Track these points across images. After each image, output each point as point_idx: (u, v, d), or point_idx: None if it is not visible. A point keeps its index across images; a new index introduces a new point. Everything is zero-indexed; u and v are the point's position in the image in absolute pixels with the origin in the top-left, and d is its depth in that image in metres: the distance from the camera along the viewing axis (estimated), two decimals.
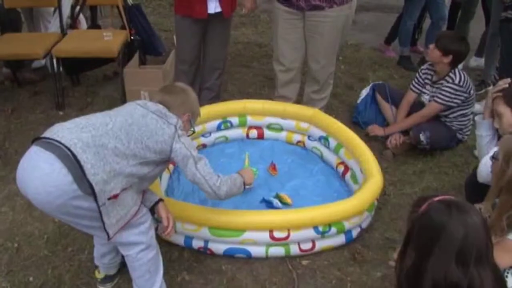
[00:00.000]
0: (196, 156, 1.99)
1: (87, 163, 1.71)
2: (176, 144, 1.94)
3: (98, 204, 1.75)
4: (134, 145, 1.84)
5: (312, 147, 3.23)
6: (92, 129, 1.79)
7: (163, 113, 1.96)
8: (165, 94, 2.09)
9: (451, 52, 3.17)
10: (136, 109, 1.95)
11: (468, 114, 3.31)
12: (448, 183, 3.04)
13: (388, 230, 2.64)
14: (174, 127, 1.94)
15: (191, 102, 2.14)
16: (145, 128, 1.89)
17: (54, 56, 3.56)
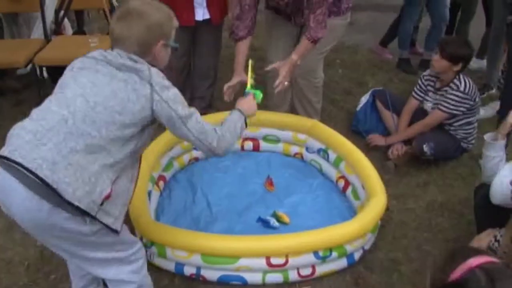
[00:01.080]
0: (184, 114, 1.69)
1: (61, 184, 1.49)
2: (157, 105, 1.64)
3: (92, 215, 1.55)
4: (106, 131, 1.58)
5: (311, 159, 3.07)
6: (52, 136, 1.53)
7: (129, 66, 1.62)
8: (122, 28, 1.67)
9: (460, 59, 3.02)
10: (97, 76, 1.62)
11: (473, 122, 3.16)
12: (453, 197, 2.89)
13: (392, 250, 2.49)
14: (149, 84, 1.62)
15: (158, 23, 1.71)
16: (114, 102, 1.59)
17: (37, 64, 3.37)
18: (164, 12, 1.76)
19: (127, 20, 1.68)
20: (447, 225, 2.67)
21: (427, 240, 2.56)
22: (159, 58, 1.76)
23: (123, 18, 1.69)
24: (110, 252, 1.75)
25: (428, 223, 2.68)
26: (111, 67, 1.64)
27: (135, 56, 1.67)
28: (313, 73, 3.09)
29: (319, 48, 2.96)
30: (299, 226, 2.57)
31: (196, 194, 2.81)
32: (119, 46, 1.69)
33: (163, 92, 1.65)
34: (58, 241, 1.67)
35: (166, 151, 2.84)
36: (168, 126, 1.73)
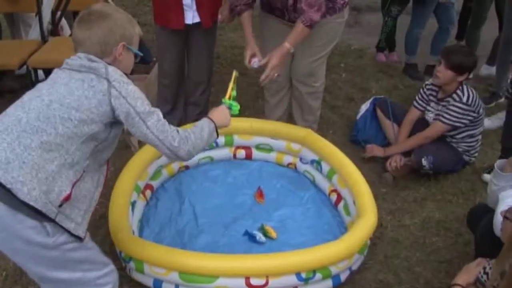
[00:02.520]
0: (143, 111, 1.63)
1: (15, 184, 1.45)
2: (115, 101, 1.59)
3: (50, 218, 1.51)
4: (63, 127, 1.54)
5: (304, 170, 2.97)
6: (6, 136, 1.50)
7: (86, 66, 1.61)
8: (82, 30, 1.66)
9: (466, 69, 2.89)
10: (57, 77, 1.64)
11: (476, 134, 3.02)
12: (451, 214, 2.76)
13: (382, 271, 2.38)
14: (105, 80, 1.58)
15: (118, 25, 1.68)
16: (70, 99, 1.56)
17: (30, 67, 3.33)
18: (125, 15, 1.74)
19: (88, 22, 1.66)
20: (441, 245, 2.54)
21: (419, 261, 2.44)
22: (121, 61, 1.72)
23: (84, 20, 1.68)
24: (76, 271, 1.67)
25: (422, 242, 2.56)
26: (69, 71, 1.64)
27: (94, 57, 1.65)
28: (312, 77, 2.97)
29: (316, 50, 2.86)
30: (286, 242, 2.48)
31: (183, 205, 2.73)
32: (81, 48, 1.68)
33: (121, 87, 1.61)
34: (23, 259, 1.61)
35: (154, 159, 2.77)
36: (127, 124, 1.67)
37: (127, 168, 2.59)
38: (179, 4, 2.81)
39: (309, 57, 2.88)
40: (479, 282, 1.75)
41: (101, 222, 2.58)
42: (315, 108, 3.14)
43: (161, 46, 3.07)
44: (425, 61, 4.47)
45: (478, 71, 4.35)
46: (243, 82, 4.14)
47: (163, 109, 3.19)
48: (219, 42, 4.36)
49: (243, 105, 3.78)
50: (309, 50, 2.86)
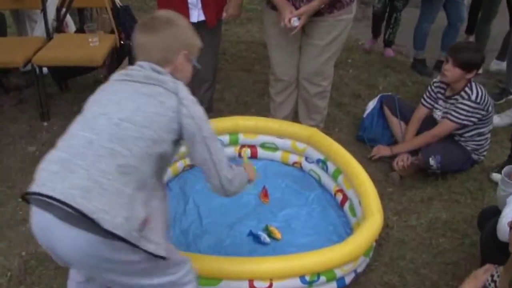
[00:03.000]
0: (208, 136, 1.57)
1: (98, 213, 1.37)
2: (184, 120, 1.53)
3: (134, 244, 1.43)
4: (136, 148, 1.46)
5: (310, 169, 2.94)
6: (80, 162, 1.42)
7: (154, 77, 1.53)
8: (146, 35, 1.59)
9: (474, 67, 2.83)
10: (118, 90, 1.54)
11: (485, 132, 2.97)
12: (459, 214, 2.72)
13: (387, 273, 2.35)
14: (174, 95, 1.52)
15: (183, 32, 1.64)
16: (140, 117, 1.47)
17: (35, 64, 3.32)
18: (188, 23, 1.70)
19: (153, 27, 1.60)
20: (448, 247, 2.50)
21: (425, 262, 2.41)
22: (182, 71, 1.67)
23: (147, 25, 1.62)
24: (164, 276, 1.62)
25: (429, 243, 2.53)
26: (132, 83, 1.56)
27: (158, 66, 1.59)
28: (320, 77, 2.92)
29: (324, 49, 2.82)
30: (290, 242, 2.47)
31: (187, 204, 2.72)
32: (143, 54, 1.62)
33: (190, 106, 1.55)
34: (113, 276, 1.53)
35: None
36: (188, 144, 1.60)
37: None
38: (184, 2, 2.77)
39: (317, 56, 2.84)
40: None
41: None
42: (322, 107, 3.10)
43: None
44: (434, 56, 4.40)
45: (488, 66, 4.28)
46: (249, 79, 4.13)
47: None
48: (224, 37, 4.34)
49: (248, 102, 3.79)
50: (316, 49, 2.82)
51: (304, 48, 2.87)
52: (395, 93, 3.87)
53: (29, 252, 2.44)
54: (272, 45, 2.94)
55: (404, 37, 4.59)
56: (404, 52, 4.70)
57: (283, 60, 2.94)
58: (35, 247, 2.46)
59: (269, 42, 2.97)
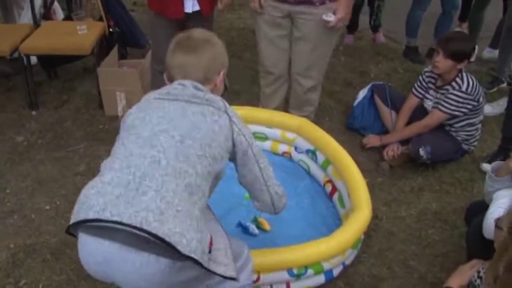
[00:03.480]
0: (257, 152, 1.56)
1: (174, 236, 1.29)
2: (237, 137, 1.52)
3: (204, 267, 1.39)
4: (201, 167, 1.42)
5: (299, 159, 2.92)
6: (149, 183, 1.35)
7: (201, 97, 1.49)
8: (186, 55, 1.55)
9: (465, 57, 2.81)
10: (167, 112, 1.46)
11: (476, 123, 2.96)
12: (448, 205, 2.73)
13: (376, 265, 2.36)
14: (225, 114, 1.50)
15: (221, 52, 1.62)
16: (199, 135, 1.43)
17: (22, 53, 3.26)
18: (222, 42, 1.68)
19: (192, 47, 1.58)
20: (437, 238, 2.51)
21: (414, 254, 2.42)
22: (218, 89, 1.66)
23: (185, 45, 1.59)
24: None
25: (418, 235, 2.53)
26: (178, 102, 1.50)
27: (200, 85, 1.55)
28: (313, 71, 2.90)
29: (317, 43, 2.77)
30: (279, 234, 2.46)
31: None
32: (182, 73, 1.57)
33: (239, 124, 1.55)
34: None
35: None
36: (240, 162, 1.59)
37: None
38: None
39: (310, 52, 2.81)
40: (472, 286, 1.72)
41: None
42: (315, 99, 3.08)
43: (156, 34, 2.98)
44: (427, 43, 4.36)
45: (481, 54, 4.26)
46: (240, 65, 4.09)
47: None
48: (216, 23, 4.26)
49: (239, 90, 3.76)
50: (309, 44, 2.79)
51: (295, 43, 2.83)
52: (387, 81, 3.87)
53: (17, 245, 2.43)
54: (262, 37, 2.90)
55: (396, 24, 4.55)
56: (397, 39, 4.67)
57: (272, 53, 2.91)
58: (23, 239, 2.46)
59: (258, 34, 2.92)
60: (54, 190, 2.77)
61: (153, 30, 2.99)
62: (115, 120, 3.35)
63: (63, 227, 2.54)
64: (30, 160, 3.00)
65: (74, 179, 2.85)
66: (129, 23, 3.73)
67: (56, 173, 2.90)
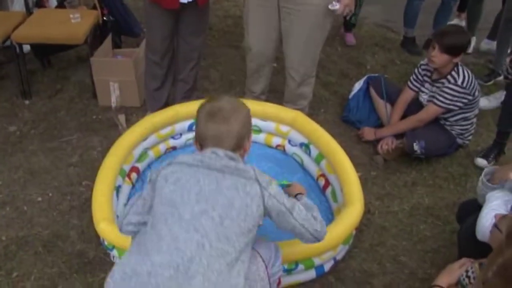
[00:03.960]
0: (290, 206, 1.65)
1: None
2: (268, 202, 1.61)
3: None
4: (239, 243, 1.53)
5: (293, 152, 2.91)
6: (197, 266, 1.47)
7: (233, 167, 1.57)
8: (218, 124, 1.61)
9: (461, 50, 2.79)
10: (203, 187, 1.55)
11: (471, 117, 2.94)
12: (441, 200, 2.73)
13: (367, 260, 2.37)
14: (256, 182, 1.58)
15: (249, 118, 1.69)
16: (235, 212, 1.53)
17: (14, 41, 3.22)
18: (249, 109, 1.75)
19: (223, 117, 1.62)
20: (429, 234, 2.52)
21: (405, 250, 2.42)
22: (247, 152, 1.73)
23: (216, 116, 1.63)
24: None
25: (410, 230, 2.54)
26: (211, 172, 1.57)
27: (232, 153, 1.62)
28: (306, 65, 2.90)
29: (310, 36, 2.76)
30: (270, 228, 2.41)
31: None
32: (215, 144, 1.62)
33: (269, 187, 1.61)
34: None
35: (140, 142, 2.72)
36: (275, 219, 1.68)
37: (111, 152, 2.54)
38: None
39: (303, 44, 2.80)
40: (461, 285, 1.73)
41: (87, 205, 2.56)
42: (308, 92, 3.08)
43: (150, 23, 2.94)
44: (425, 33, 4.31)
45: (479, 45, 4.23)
46: (236, 56, 4.05)
47: (152, 86, 3.14)
48: (212, 11, 4.21)
49: (233, 81, 3.73)
50: (301, 37, 2.77)
51: (287, 36, 2.81)
52: (383, 72, 3.85)
53: (10, 237, 2.43)
54: (250, 21, 2.88)
55: (395, 13, 4.50)
56: (395, 28, 4.62)
57: (260, 38, 2.91)
58: (15, 231, 2.46)
59: (246, 18, 2.90)
60: (46, 182, 2.76)
61: (147, 19, 2.95)
62: (109, 110, 3.33)
63: (55, 219, 2.54)
64: (23, 151, 2.98)
65: (67, 170, 2.84)
66: (123, 12, 3.67)
67: (49, 164, 2.89)
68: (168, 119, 2.82)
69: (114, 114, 3.27)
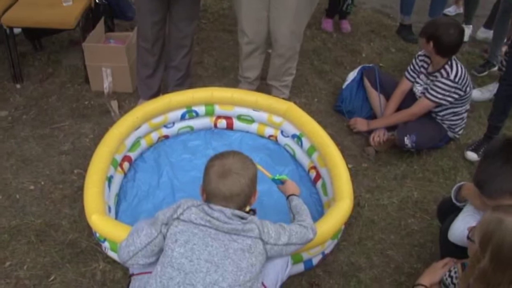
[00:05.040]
0: (287, 240, 1.76)
1: None
2: (270, 252, 1.72)
3: None
4: None
5: (285, 143, 2.93)
6: None
7: (240, 229, 1.64)
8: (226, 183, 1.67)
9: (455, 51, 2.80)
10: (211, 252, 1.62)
11: (461, 112, 2.95)
12: (430, 194, 2.76)
13: (355, 253, 2.41)
14: (260, 240, 1.67)
15: (254, 172, 1.76)
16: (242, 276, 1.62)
17: (5, 25, 3.18)
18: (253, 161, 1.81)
19: (232, 177, 1.68)
20: (416, 228, 2.55)
21: (392, 244, 2.47)
22: (253, 203, 1.81)
23: (227, 177, 1.68)
24: None
25: (398, 224, 2.57)
26: (219, 233, 1.64)
27: (240, 212, 1.69)
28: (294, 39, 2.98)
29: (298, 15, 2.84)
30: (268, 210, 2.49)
31: (161, 178, 2.72)
32: (224, 204, 1.68)
33: (270, 239, 1.70)
34: None
35: (132, 131, 2.72)
36: None
37: (103, 143, 2.54)
38: None
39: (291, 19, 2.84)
40: (443, 284, 1.77)
41: (79, 194, 2.58)
42: (293, 68, 3.17)
43: (140, 10, 2.91)
44: (421, 20, 4.27)
45: (475, 34, 4.21)
46: (230, 41, 4.02)
47: (144, 73, 3.12)
48: None
49: (227, 67, 3.71)
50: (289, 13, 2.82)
51: (276, 11, 2.83)
52: (378, 61, 3.84)
53: (2, 226, 2.45)
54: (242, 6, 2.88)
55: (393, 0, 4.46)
56: (391, 14, 4.59)
57: (252, 23, 2.94)
58: (7, 220, 2.48)
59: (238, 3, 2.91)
60: (38, 170, 2.77)
61: (137, 5, 2.91)
62: (101, 95, 3.32)
63: (47, 208, 2.56)
64: (15, 137, 2.98)
65: (59, 158, 2.85)
66: None
67: (41, 151, 2.89)
68: (160, 108, 2.81)
69: (107, 100, 3.26)
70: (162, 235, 1.71)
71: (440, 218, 2.26)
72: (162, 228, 1.72)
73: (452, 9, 4.61)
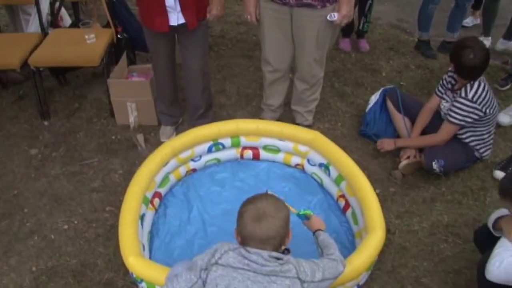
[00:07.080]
0: (322, 276, 1.78)
1: None
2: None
3: None
4: None
5: (312, 172, 2.94)
6: None
7: (277, 271, 1.67)
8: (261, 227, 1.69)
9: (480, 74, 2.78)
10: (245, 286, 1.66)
11: (483, 133, 2.90)
12: (460, 217, 2.74)
13: (389, 283, 2.41)
14: (298, 280, 1.69)
15: (287, 214, 1.78)
16: None
17: (32, 66, 3.26)
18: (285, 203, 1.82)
19: (267, 220, 1.70)
20: (449, 253, 2.54)
21: (426, 271, 2.46)
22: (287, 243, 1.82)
23: (263, 221, 1.70)
24: None
25: (430, 250, 2.57)
26: (257, 276, 1.66)
27: (276, 253, 1.70)
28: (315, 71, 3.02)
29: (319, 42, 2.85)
30: (293, 252, 2.48)
31: (191, 212, 2.76)
32: (261, 247, 1.70)
33: (306, 277, 1.72)
34: None
35: (161, 167, 2.76)
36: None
37: (134, 181, 2.57)
38: (162, 6, 2.68)
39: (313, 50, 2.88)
40: None
41: (112, 232, 2.63)
42: (318, 93, 3.22)
43: (150, 44, 2.99)
44: (439, 34, 4.27)
45: (494, 46, 4.18)
46: (250, 66, 4.06)
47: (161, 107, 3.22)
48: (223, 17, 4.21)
49: (250, 94, 3.74)
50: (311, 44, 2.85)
51: (300, 40, 2.87)
52: (399, 79, 3.84)
53: (40, 267, 2.50)
54: (266, 36, 2.90)
55: (409, 11, 4.45)
56: (408, 29, 4.58)
57: (276, 52, 2.97)
58: (44, 261, 2.53)
59: (263, 33, 2.93)
60: (71, 209, 2.82)
61: (147, 40, 2.98)
62: (127, 129, 3.38)
63: (82, 247, 2.61)
64: (46, 175, 3.04)
65: (90, 196, 2.90)
66: (136, 28, 3.68)
67: (72, 189, 2.95)
68: (187, 142, 2.85)
69: (133, 135, 3.31)
70: (201, 281, 1.74)
71: (478, 244, 2.25)
72: (201, 274, 1.74)
73: (470, 20, 4.59)
